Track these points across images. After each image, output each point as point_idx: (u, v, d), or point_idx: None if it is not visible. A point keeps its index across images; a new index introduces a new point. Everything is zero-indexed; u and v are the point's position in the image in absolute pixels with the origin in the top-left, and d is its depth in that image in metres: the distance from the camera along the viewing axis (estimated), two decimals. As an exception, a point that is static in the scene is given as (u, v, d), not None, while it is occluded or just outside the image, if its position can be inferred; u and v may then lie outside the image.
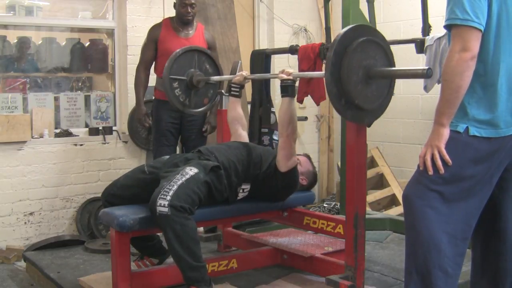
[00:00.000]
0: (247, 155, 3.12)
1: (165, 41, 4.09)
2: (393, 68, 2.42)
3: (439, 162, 2.10)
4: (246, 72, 3.48)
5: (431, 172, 2.11)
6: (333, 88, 2.30)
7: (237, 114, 3.47)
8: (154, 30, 4.16)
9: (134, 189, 3.04)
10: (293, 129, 3.02)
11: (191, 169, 2.86)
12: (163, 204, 2.65)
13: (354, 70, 2.31)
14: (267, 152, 3.23)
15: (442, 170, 2.10)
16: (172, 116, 4.11)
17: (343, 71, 2.29)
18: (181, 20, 4.14)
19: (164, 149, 4.05)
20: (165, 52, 4.09)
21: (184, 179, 2.78)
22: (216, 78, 3.66)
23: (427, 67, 2.18)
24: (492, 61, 2.10)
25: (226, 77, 3.66)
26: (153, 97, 4.28)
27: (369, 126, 2.58)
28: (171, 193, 2.68)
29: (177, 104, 3.62)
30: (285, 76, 2.99)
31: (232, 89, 3.44)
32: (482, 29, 2.04)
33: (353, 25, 2.42)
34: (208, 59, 3.73)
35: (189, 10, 4.09)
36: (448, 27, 2.08)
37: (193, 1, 4.10)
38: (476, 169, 2.11)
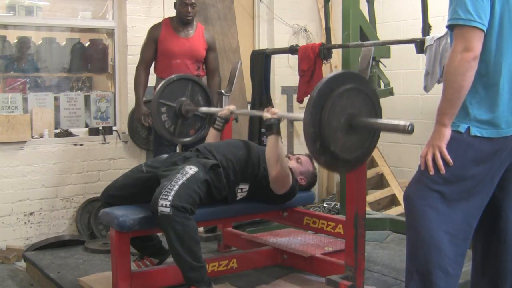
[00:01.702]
0: (245, 154, 3.11)
1: (165, 41, 4.09)
2: (375, 120, 2.31)
3: (440, 162, 2.10)
4: (233, 106, 3.43)
5: (432, 172, 2.11)
6: (310, 128, 2.19)
7: None
8: (154, 30, 4.16)
9: (133, 189, 3.04)
10: (281, 165, 2.98)
11: (191, 168, 2.86)
12: (165, 204, 2.65)
13: (336, 115, 2.21)
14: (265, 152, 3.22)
15: (443, 170, 2.10)
16: None
17: (324, 113, 2.19)
18: (181, 20, 4.13)
19: (164, 149, 4.05)
20: (165, 52, 4.08)
21: (184, 178, 2.78)
22: (204, 109, 3.59)
23: (408, 123, 2.13)
24: (494, 61, 2.10)
25: (214, 109, 3.59)
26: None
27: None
28: (172, 193, 2.68)
29: (161, 129, 3.55)
30: (269, 115, 2.97)
31: (217, 122, 3.39)
32: (485, 29, 2.03)
33: (344, 71, 2.35)
34: (201, 91, 3.69)
35: (190, 10, 4.09)
36: (450, 27, 2.08)
37: (193, 1, 4.10)
38: (477, 169, 2.11)
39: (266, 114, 2.98)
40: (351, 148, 2.30)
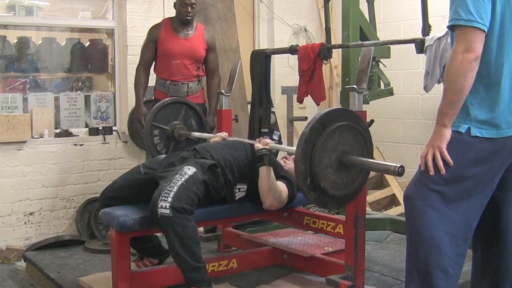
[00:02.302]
0: (243, 154, 3.11)
1: (165, 41, 4.09)
2: (367, 159, 2.32)
3: (440, 163, 2.10)
4: (225, 134, 3.43)
5: (432, 172, 2.11)
6: (301, 165, 2.20)
7: None
8: (154, 30, 4.16)
9: (131, 190, 3.03)
10: (273, 196, 2.99)
11: (189, 169, 2.86)
12: (164, 206, 2.64)
13: (327, 152, 2.23)
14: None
15: (443, 170, 2.10)
16: None
17: (315, 150, 2.21)
18: (181, 20, 4.13)
19: (163, 149, 4.06)
20: (164, 52, 4.08)
21: (183, 179, 2.78)
22: (197, 134, 3.62)
23: (399, 165, 2.15)
24: (495, 62, 2.10)
25: (206, 135, 3.62)
26: (153, 97, 4.28)
27: (337, 210, 2.50)
28: (172, 194, 2.68)
29: (153, 152, 3.58)
30: (261, 146, 2.98)
31: None
32: (486, 30, 2.03)
33: (336, 108, 2.36)
34: (195, 115, 3.71)
35: (189, 10, 4.09)
36: (451, 27, 2.07)
37: (193, 1, 4.09)
38: (477, 169, 2.11)
39: (258, 145, 3.00)
40: (341, 185, 2.32)
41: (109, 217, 2.83)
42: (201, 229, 3.89)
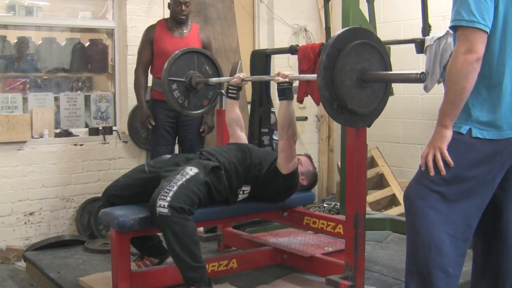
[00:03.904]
0: (247, 157, 3.12)
1: (160, 41, 4.10)
2: (387, 72, 2.37)
3: (440, 164, 2.10)
4: (243, 74, 3.47)
5: (432, 173, 2.11)
6: (325, 92, 2.25)
7: (235, 116, 3.46)
8: (149, 31, 4.17)
9: (135, 189, 3.04)
10: (293, 131, 3.00)
11: (191, 169, 2.86)
12: (162, 205, 2.65)
13: (347, 74, 2.26)
14: (267, 154, 3.23)
15: (443, 171, 2.09)
16: (168, 116, 4.12)
17: (335, 75, 2.25)
18: (176, 19, 4.14)
19: (162, 149, 4.06)
20: (160, 52, 4.09)
21: (184, 179, 2.78)
22: (214, 80, 3.65)
23: (420, 72, 2.15)
24: (498, 63, 2.09)
25: (224, 78, 3.65)
26: (150, 97, 4.28)
27: (369, 126, 2.56)
28: (171, 193, 2.68)
29: (176, 106, 3.60)
30: (281, 79, 2.97)
31: (230, 91, 3.43)
32: (488, 30, 2.02)
33: (347, 28, 2.38)
34: (207, 60, 3.72)
35: (183, 8, 4.09)
36: (453, 28, 2.07)
37: (187, 0, 4.10)
38: (478, 170, 2.11)
39: (278, 78, 2.99)
40: (367, 101, 2.36)
41: (109, 217, 2.84)
42: (201, 229, 3.90)
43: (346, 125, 2.44)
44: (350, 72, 2.27)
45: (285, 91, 2.97)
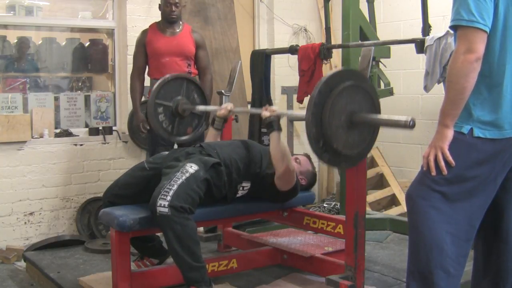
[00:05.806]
0: (248, 152, 3.12)
1: (152, 42, 4.10)
2: (376, 116, 2.35)
3: (442, 163, 2.09)
4: (231, 105, 3.42)
5: (434, 173, 2.11)
6: (312, 128, 2.24)
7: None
8: (141, 36, 4.17)
9: (136, 187, 3.03)
10: (288, 159, 2.99)
11: (191, 166, 2.85)
12: (163, 204, 2.64)
13: (336, 113, 2.26)
14: (266, 151, 3.23)
15: (445, 171, 2.09)
16: None
17: (325, 113, 2.24)
18: (167, 19, 4.15)
19: (161, 148, 4.04)
20: (154, 52, 4.09)
21: (184, 177, 2.77)
22: (201, 107, 3.60)
23: (410, 118, 2.15)
24: (498, 62, 2.09)
25: (211, 107, 3.61)
26: (147, 98, 4.28)
27: (351, 167, 2.54)
28: (171, 193, 2.68)
29: (159, 130, 3.54)
30: (268, 114, 2.97)
31: (216, 121, 3.38)
32: (488, 30, 2.02)
33: (341, 69, 2.38)
34: (196, 88, 3.69)
35: (174, 9, 4.10)
36: (453, 28, 2.07)
37: (177, 0, 4.11)
38: (479, 170, 2.10)
39: (265, 113, 2.98)
40: (353, 143, 2.35)
41: (109, 217, 2.83)
42: (201, 229, 3.89)
43: (329, 164, 2.42)
44: (339, 112, 2.26)
45: (272, 124, 2.97)
